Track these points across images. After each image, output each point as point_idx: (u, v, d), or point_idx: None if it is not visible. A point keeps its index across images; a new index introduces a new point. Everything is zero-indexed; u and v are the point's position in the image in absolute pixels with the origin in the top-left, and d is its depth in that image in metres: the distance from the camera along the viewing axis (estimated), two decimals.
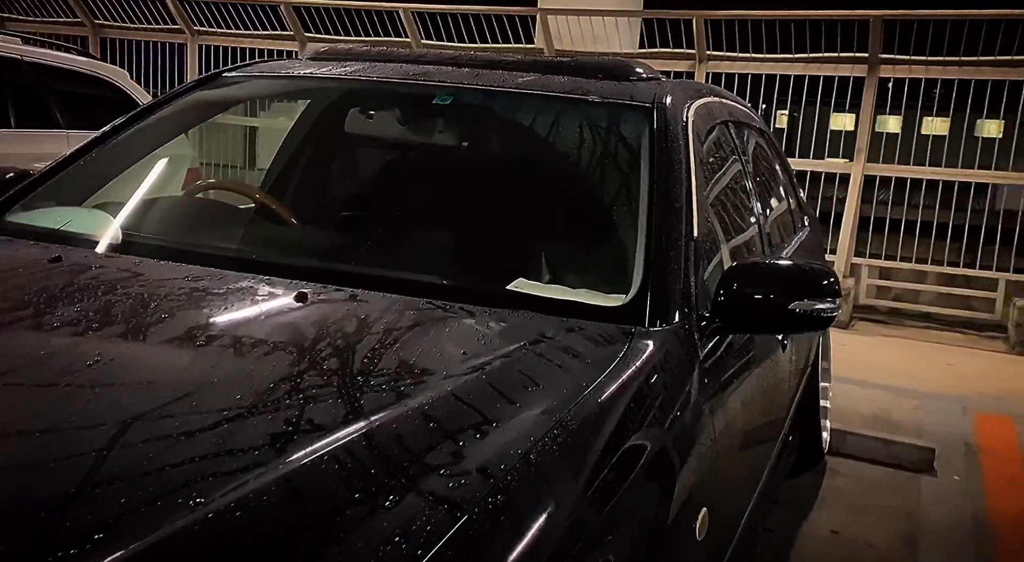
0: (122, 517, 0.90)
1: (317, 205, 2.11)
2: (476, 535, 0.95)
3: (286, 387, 1.21)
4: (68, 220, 2.01)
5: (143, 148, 2.46)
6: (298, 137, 2.47)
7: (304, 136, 2.45)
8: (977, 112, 7.19)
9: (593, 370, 1.37)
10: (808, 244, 3.27)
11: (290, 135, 2.52)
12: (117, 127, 2.39)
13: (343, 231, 1.92)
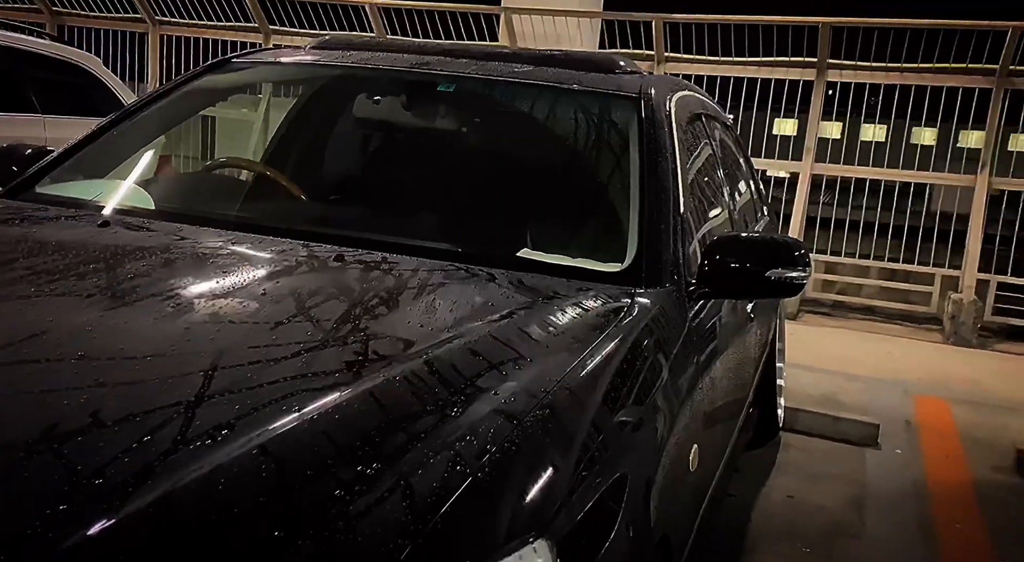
0: (245, 416, 1.08)
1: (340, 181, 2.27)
2: (527, 439, 1.15)
3: (348, 327, 1.40)
4: (100, 191, 2.16)
5: (159, 128, 2.60)
6: (306, 120, 2.64)
7: (313, 119, 2.62)
8: (914, 120, 7.60)
9: (605, 319, 1.58)
10: (769, 230, 3.53)
11: (296, 118, 2.68)
12: (133, 109, 2.52)
13: (370, 205, 2.10)
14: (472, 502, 1.01)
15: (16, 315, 1.35)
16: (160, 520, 0.92)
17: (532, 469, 1.12)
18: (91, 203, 2.04)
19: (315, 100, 2.61)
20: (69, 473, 0.97)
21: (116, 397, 1.13)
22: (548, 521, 1.06)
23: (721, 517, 3.08)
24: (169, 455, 1.01)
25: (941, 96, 7.24)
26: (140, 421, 1.07)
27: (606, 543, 1.17)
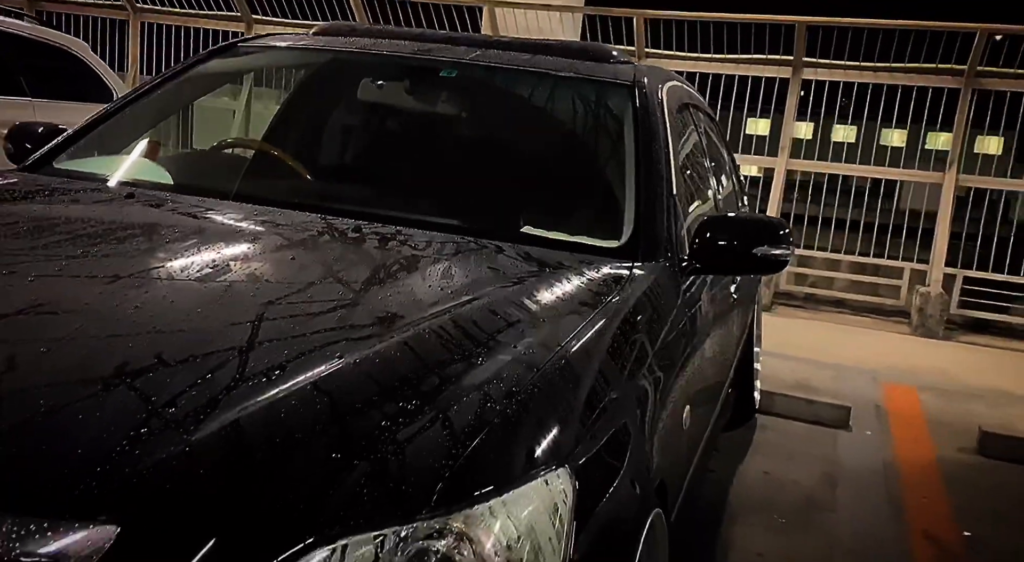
0: (294, 359, 1.19)
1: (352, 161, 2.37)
2: (546, 385, 1.27)
3: (376, 287, 1.51)
4: (116, 167, 2.25)
5: (166, 110, 2.69)
6: (314, 104, 2.73)
7: (321, 103, 2.71)
8: (884, 122, 7.83)
9: (608, 287, 1.70)
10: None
11: (302, 102, 2.79)
12: (142, 91, 2.61)
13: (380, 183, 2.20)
14: (503, 433, 1.13)
15: (72, 273, 1.44)
16: (230, 442, 1.03)
17: (552, 409, 1.24)
18: (110, 177, 2.13)
19: (322, 84, 2.71)
20: (144, 403, 1.07)
21: (175, 343, 1.23)
22: (567, 454, 1.18)
23: (702, 491, 3.23)
24: (231, 390, 1.12)
25: (911, 97, 7.45)
26: (200, 362, 1.18)
27: (615, 480, 1.29)
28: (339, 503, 0.99)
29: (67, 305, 1.31)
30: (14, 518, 0.91)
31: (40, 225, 1.70)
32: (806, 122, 8.19)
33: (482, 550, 1.01)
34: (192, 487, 0.98)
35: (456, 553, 1.00)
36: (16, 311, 1.28)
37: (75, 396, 1.07)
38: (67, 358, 1.16)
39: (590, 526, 1.17)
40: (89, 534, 0.91)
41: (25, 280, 1.38)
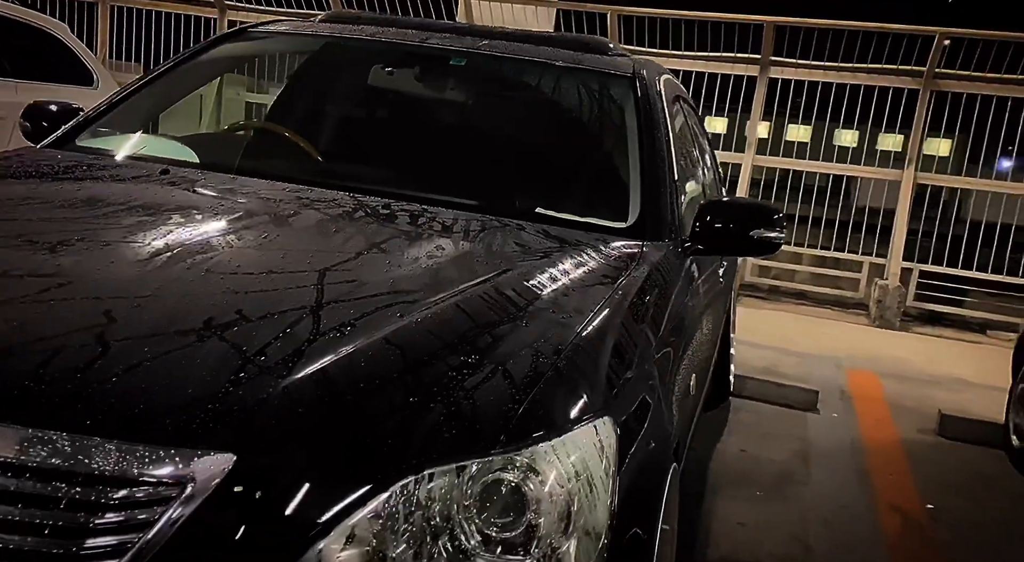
0: (361, 318, 1.31)
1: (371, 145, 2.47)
2: (587, 344, 1.40)
3: (418, 257, 1.63)
4: (143, 145, 2.33)
5: (180, 91, 2.76)
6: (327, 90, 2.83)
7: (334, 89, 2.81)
8: (838, 123, 8.10)
9: (625, 262, 1.84)
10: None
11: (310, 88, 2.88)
12: (155, 74, 2.67)
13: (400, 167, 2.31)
14: (557, 384, 1.26)
15: (137, 240, 1.54)
16: (321, 385, 1.15)
17: (593, 366, 1.37)
18: (138, 155, 2.21)
19: (334, 71, 2.80)
20: (238, 352, 1.18)
21: (251, 302, 1.34)
22: (609, 405, 1.31)
23: (685, 466, 3.40)
24: (311, 342, 1.23)
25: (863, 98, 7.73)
26: (277, 319, 1.29)
27: (646, 431, 1.43)
28: (423, 438, 1.11)
29: (142, 268, 1.41)
30: (146, 446, 1.02)
31: (93, 197, 1.78)
32: (762, 122, 8.42)
33: (547, 482, 1.14)
34: (296, 422, 1.09)
35: (525, 484, 1.13)
36: (99, 272, 1.37)
37: (174, 345, 1.18)
38: (156, 314, 1.26)
39: (628, 469, 1.30)
40: (211, 460, 1.02)
41: (100, 245, 1.48)
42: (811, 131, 8.32)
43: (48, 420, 1.03)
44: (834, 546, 2.93)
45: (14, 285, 1.29)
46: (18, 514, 0.99)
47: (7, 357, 1.11)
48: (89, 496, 1.00)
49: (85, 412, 1.04)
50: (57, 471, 1.00)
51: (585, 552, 1.15)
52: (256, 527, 1.02)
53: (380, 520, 1.05)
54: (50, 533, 0.99)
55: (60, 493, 1.00)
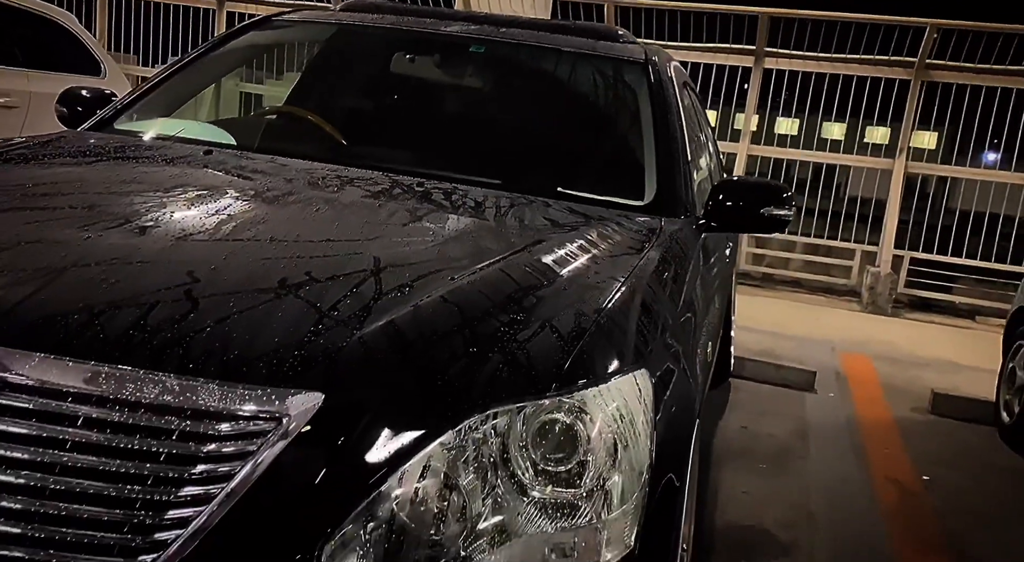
0: (417, 280, 1.43)
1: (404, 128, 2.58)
2: (622, 305, 1.52)
3: (459, 229, 1.75)
4: (180, 128, 2.44)
5: (208, 78, 2.87)
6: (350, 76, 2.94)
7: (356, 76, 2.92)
8: (827, 116, 8.24)
9: (647, 235, 1.96)
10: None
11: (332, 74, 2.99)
12: (184, 62, 2.78)
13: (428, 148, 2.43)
14: (599, 338, 1.38)
15: (201, 211, 1.65)
16: (392, 335, 1.27)
17: (631, 324, 1.50)
18: (179, 136, 2.32)
19: (358, 56, 2.91)
20: (313, 307, 1.30)
21: (317, 266, 1.46)
22: (646, 359, 1.44)
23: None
24: (376, 300, 1.35)
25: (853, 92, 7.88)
26: (343, 280, 1.40)
27: (676, 384, 1.55)
28: (485, 382, 1.23)
29: (212, 236, 1.53)
30: (245, 386, 1.14)
31: (147, 174, 1.89)
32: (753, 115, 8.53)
33: (595, 422, 1.27)
34: (374, 366, 1.21)
35: (577, 424, 1.25)
36: (173, 240, 1.49)
37: (256, 301, 1.29)
38: (235, 275, 1.37)
39: (662, 416, 1.42)
40: (303, 398, 1.14)
41: (168, 216, 1.59)
42: (799, 124, 8.48)
43: (157, 363, 1.15)
44: (835, 513, 3.08)
45: (102, 250, 1.41)
46: (136, 444, 1.11)
47: (113, 310, 1.22)
48: (197, 429, 1.12)
49: (189, 356, 1.16)
50: (168, 407, 1.12)
51: (629, 485, 1.28)
52: (343, 456, 1.14)
53: (450, 453, 1.18)
54: (165, 460, 1.11)
55: (172, 425, 1.12)
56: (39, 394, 1.13)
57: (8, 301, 1.21)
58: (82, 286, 1.28)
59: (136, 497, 1.10)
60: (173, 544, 1.08)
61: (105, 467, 1.10)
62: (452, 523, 1.17)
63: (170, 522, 1.09)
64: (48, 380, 1.13)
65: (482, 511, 1.19)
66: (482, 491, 1.20)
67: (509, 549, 1.18)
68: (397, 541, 1.14)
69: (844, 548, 2.81)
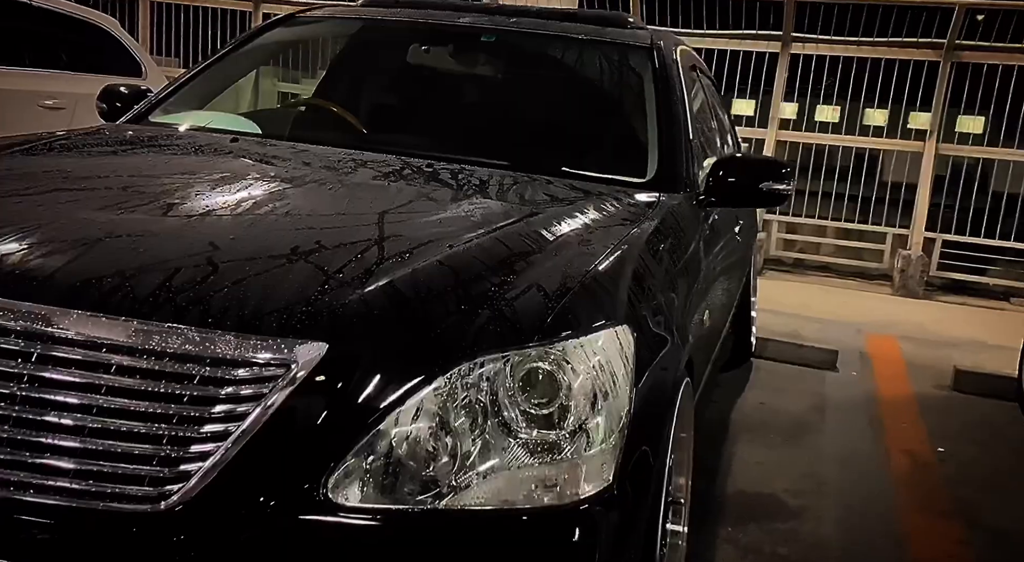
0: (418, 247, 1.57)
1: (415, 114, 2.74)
2: (609, 268, 1.65)
3: (462, 202, 1.90)
4: (209, 119, 2.61)
5: (236, 73, 3.04)
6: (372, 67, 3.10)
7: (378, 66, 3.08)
8: (868, 102, 8.21)
9: (644, 207, 2.09)
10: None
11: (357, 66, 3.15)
12: (213, 59, 2.95)
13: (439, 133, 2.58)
14: (583, 296, 1.51)
15: (225, 189, 1.81)
16: (390, 294, 1.41)
17: (614, 285, 1.62)
18: (209, 127, 2.49)
19: (377, 50, 3.06)
20: (321, 269, 1.45)
21: (326, 235, 1.61)
22: (628, 315, 1.56)
23: (708, 416, 3.63)
24: (379, 264, 1.49)
25: (892, 75, 7.84)
26: (350, 246, 1.55)
27: (660, 341, 1.67)
28: (474, 334, 1.36)
29: (232, 210, 1.69)
30: (257, 337, 1.29)
31: (180, 159, 2.06)
32: (790, 103, 8.52)
33: (576, 371, 1.39)
34: (373, 320, 1.35)
35: (558, 371, 1.38)
36: (199, 212, 1.65)
37: (270, 265, 1.45)
38: (252, 244, 1.53)
39: (642, 368, 1.54)
40: (309, 347, 1.29)
41: (195, 195, 1.75)
42: (841, 111, 8.44)
43: (180, 318, 1.30)
44: (845, 481, 3.16)
45: (133, 223, 1.57)
46: (163, 387, 1.26)
47: (142, 273, 1.38)
48: (216, 374, 1.27)
49: (208, 312, 1.31)
50: (190, 355, 1.28)
51: (608, 429, 1.40)
52: (344, 398, 1.28)
53: (442, 396, 1.31)
54: (187, 401, 1.26)
55: (194, 371, 1.27)
56: (79, 346, 1.29)
57: (52, 267, 1.38)
58: (115, 253, 1.44)
59: (163, 434, 1.25)
60: (195, 475, 1.24)
61: (136, 408, 1.26)
62: (444, 458, 1.31)
63: (192, 456, 1.25)
64: (86, 333, 1.29)
65: (472, 449, 1.32)
66: (472, 431, 1.33)
67: (496, 482, 1.32)
68: (394, 473, 1.28)
69: (851, 512, 2.90)
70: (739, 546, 2.57)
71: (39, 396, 1.27)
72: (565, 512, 1.33)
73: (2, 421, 1.27)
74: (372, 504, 1.27)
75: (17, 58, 5.12)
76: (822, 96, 8.40)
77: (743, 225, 3.35)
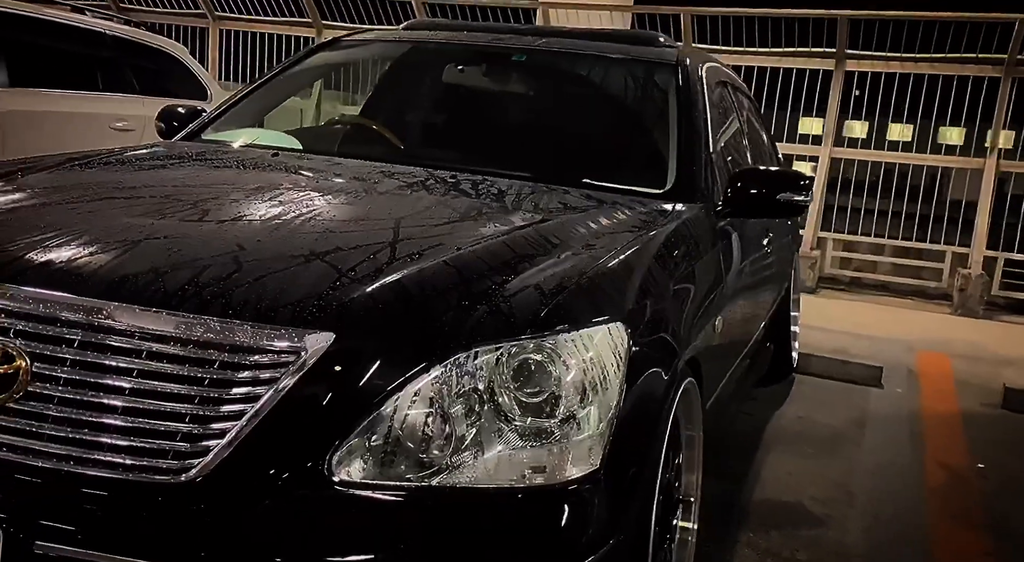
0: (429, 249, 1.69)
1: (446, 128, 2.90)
2: (609, 270, 1.75)
3: (477, 209, 2.02)
4: (256, 136, 2.79)
5: (282, 94, 3.24)
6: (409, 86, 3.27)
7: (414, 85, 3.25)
8: (941, 120, 8.07)
9: (656, 215, 2.18)
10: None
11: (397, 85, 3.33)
12: (262, 81, 3.14)
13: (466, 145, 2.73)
14: (579, 294, 1.62)
15: (258, 197, 1.97)
16: (397, 289, 1.53)
17: (612, 286, 1.72)
18: (254, 143, 2.67)
19: (415, 70, 3.23)
20: (334, 267, 1.58)
21: (344, 238, 1.75)
22: (624, 315, 1.65)
23: (739, 427, 3.67)
24: (390, 263, 1.62)
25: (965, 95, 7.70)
26: (364, 248, 1.69)
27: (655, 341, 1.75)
28: (471, 327, 1.48)
29: (262, 215, 1.84)
30: (272, 327, 1.42)
31: (223, 171, 2.24)
32: (859, 120, 8.42)
33: (567, 364, 1.49)
34: (377, 314, 1.48)
35: (549, 363, 1.48)
36: (232, 217, 1.80)
37: (289, 264, 1.59)
38: (276, 246, 1.68)
39: (636, 364, 1.63)
40: (318, 337, 1.42)
41: (230, 202, 1.91)
42: (913, 130, 8.30)
43: (203, 309, 1.44)
44: (876, 492, 3.16)
45: (171, 227, 1.73)
46: (186, 371, 1.40)
47: (173, 270, 1.53)
48: (233, 359, 1.41)
49: (229, 304, 1.45)
50: (211, 343, 1.42)
51: (597, 418, 1.50)
52: (348, 383, 1.40)
53: (439, 383, 1.43)
54: (208, 384, 1.40)
55: (214, 357, 1.41)
56: (115, 333, 1.44)
57: (97, 264, 1.54)
58: (152, 253, 1.60)
59: (186, 413, 1.39)
60: (213, 450, 1.37)
61: (163, 390, 1.40)
62: (440, 440, 1.42)
63: (212, 433, 1.38)
64: (123, 322, 1.44)
65: (467, 433, 1.43)
66: (468, 417, 1.44)
67: (489, 463, 1.42)
68: (392, 452, 1.40)
69: (878, 522, 2.90)
70: (759, 550, 2.61)
71: (81, 378, 1.42)
72: (553, 492, 1.43)
73: (51, 401, 1.42)
74: (372, 480, 1.38)
75: (91, 83, 5.45)
76: (891, 113, 8.31)
77: (774, 239, 3.39)
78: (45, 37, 5.33)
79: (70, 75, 5.38)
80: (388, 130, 2.75)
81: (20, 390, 1.42)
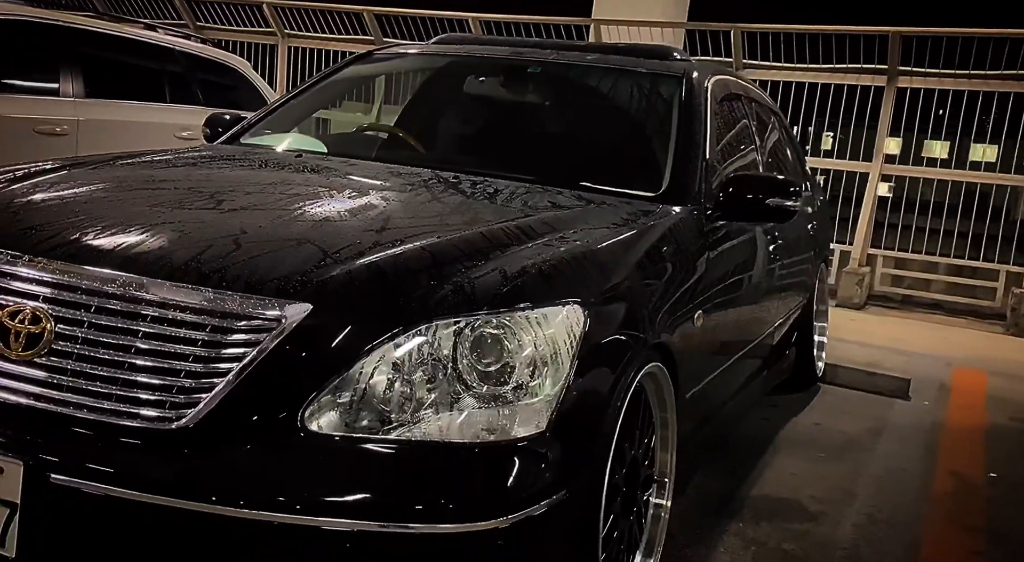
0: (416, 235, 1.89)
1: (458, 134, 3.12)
2: (573, 258, 1.92)
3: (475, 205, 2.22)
4: (287, 140, 3.04)
5: (317, 103, 3.49)
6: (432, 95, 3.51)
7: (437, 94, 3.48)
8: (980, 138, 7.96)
9: (642, 213, 2.35)
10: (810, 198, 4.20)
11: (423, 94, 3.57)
12: (299, 90, 3.40)
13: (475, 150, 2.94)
14: (539, 277, 1.79)
15: (272, 191, 2.21)
16: (370, 268, 1.73)
17: (575, 272, 1.89)
18: (284, 147, 2.92)
19: (437, 80, 3.46)
20: (318, 250, 1.79)
21: (334, 225, 1.97)
22: (583, 298, 1.81)
23: (749, 431, 3.76)
24: (371, 248, 1.82)
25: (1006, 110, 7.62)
26: (351, 235, 1.90)
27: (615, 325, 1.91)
28: (436, 302, 1.67)
29: (271, 205, 2.07)
30: (258, 297, 1.63)
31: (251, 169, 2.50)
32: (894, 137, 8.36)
33: (521, 339, 1.66)
34: (351, 289, 1.68)
35: (504, 337, 1.66)
36: (243, 206, 2.04)
37: (279, 246, 1.81)
38: (273, 231, 1.90)
39: (592, 342, 1.78)
40: (297, 307, 1.62)
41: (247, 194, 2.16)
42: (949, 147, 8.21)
43: (201, 281, 1.66)
44: (878, 495, 3.22)
45: (188, 214, 1.97)
46: (183, 333, 1.62)
47: (182, 248, 1.76)
48: (223, 324, 1.62)
49: (223, 277, 1.67)
50: (205, 310, 1.63)
51: (547, 389, 1.67)
52: (321, 347, 1.60)
53: (403, 353, 1.62)
54: (202, 344, 1.61)
55: (207, 322, 1.62)
56: (125, 300, 1.67)
57: (115, 243, 1.78)
58: (164, 234, 1.83)
59: (181, 369, 1.61)
60: (204, 401, 1.58)
61: (162, 349, 1.62)
62: (401, 400, 1.61)
63: (202, 387, 1.59)
64: (131, 292, 1.67)
65: (426, 395, 1.62)
66: (430, 382, 1.62)
67: (444, 421, 1.60)
68: (359, 409, 1.59)
69: (871, 520, 2.97)
70: (745, 538, 2.71)
71: (96, 339, 1.65)
72: (501, 447, 1.60)
73: (69, 357, 1.66)
74: (340, 433, 1.58)
75: (160, 95, 5.84)
76: (930, 131, 8.24)
77: (785, 249, 3.49)
78: (119, 52, 5.74)
79: (141, 87, 5.78)
80: (404, 134, 2.98)
81: (45, 347, 1.66)
